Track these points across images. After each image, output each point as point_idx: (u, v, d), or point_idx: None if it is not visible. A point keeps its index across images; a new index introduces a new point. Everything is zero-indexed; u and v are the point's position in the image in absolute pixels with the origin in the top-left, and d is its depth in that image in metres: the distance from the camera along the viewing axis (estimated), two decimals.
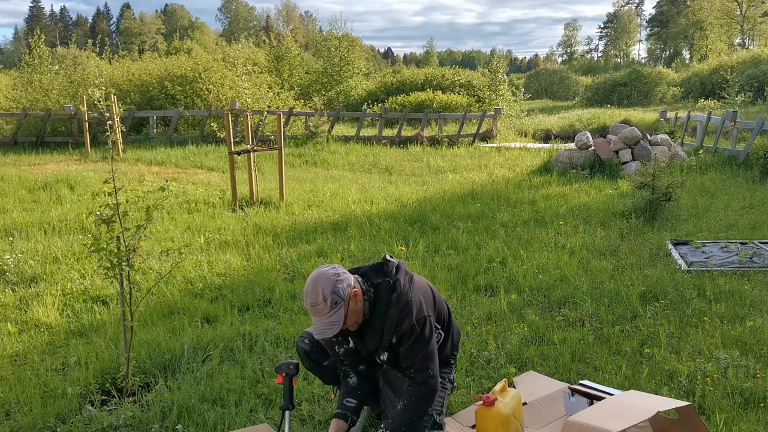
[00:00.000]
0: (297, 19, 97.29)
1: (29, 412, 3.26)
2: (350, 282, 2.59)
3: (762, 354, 3.71)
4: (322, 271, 2.58)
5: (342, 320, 2.53)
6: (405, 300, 2.64)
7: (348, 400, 2.82)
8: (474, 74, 29.34)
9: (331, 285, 2.51)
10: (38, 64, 20.58)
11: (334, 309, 2.51)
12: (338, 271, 2.58)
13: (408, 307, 2.63)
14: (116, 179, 3.43)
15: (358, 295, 2.60)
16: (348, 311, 2.56)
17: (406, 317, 2.62)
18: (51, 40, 68.62)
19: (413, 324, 2.62)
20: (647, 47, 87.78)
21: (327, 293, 2.50)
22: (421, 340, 2.65)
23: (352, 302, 2.58)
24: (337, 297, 2.51)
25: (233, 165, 8.33)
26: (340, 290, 2.52)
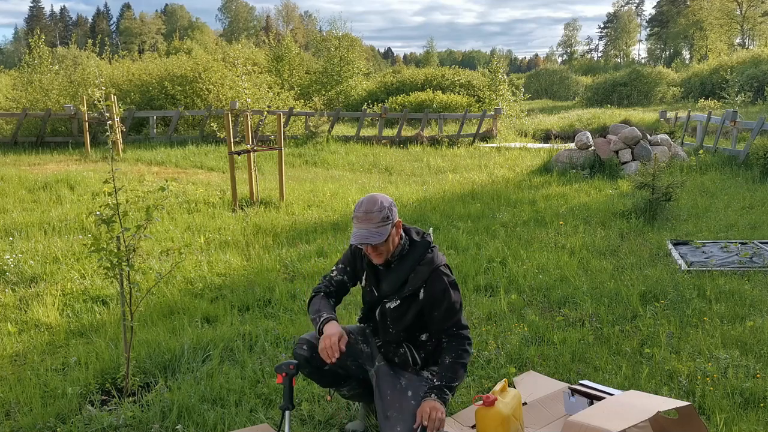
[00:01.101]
0: (297, 19, 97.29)
1: (29, 412, 3.26)
2: (397, 214, 2.77)
3: (762, 354, 3.71)
4: (379, 194, 2.78)
5: (386, 235, 2.66)
6: (440, 263, 2.79)
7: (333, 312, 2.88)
8: (474, 74, 29.34)
9: (389, 203, 2.71)
10: (38, 64, 20.58)
11: (384, 223, 2.67)
12: (393, 202, 2.77)
13: (442, 271, 2.78)
14: (116, 179, 3.43)
15: (399, 228, 2.76)
16: (391, 235, 2.71)
17: (439, 280, 2.75)
18: (51, 40, 68.63)
19: (448, 289, 2.76)
20: (647, 47, 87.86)
21: (384, 207, 2.68)
22: (457, 305, 2.78)
23: (395, 230, 2.73)
24: (390, 213, 2.69)
25: (233, 165, 8.33)
26: (394, 211, 2.72)
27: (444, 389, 2.66)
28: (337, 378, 2.92)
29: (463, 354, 2.75)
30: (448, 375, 2.69)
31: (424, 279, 2.76)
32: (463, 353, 2.75)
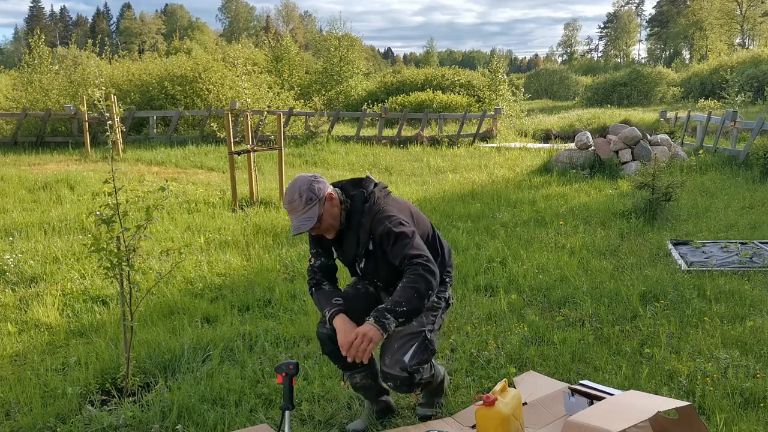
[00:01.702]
0: (297, 19, 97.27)
1: (29, 412, 3.26)
2: (327, 187, 2.74)
3: (762, 354, 3.71)
4: (300, 174, 2.75)
5: (316, 217, 2.65)
6: (377, 209, 2.74)
7: (336, 299, 2.85)
8: (474, 74, 29.34)
9: (307, 184, 2.68)
10: (38, 64, 20.57)
11: (308, 205, 2.65)
12: (316, 176, 2.73)
13: (380, 215, 2.72)
14: (116, 179, 3.44)
15: (334, 199, 2.73)
16: (323, 212, 2.69)
17: (379, 224, 2.71)
18: (51, 40, 68.65)
19: (388, 228, 2.68)
20: (647, 47, 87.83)
21: (303, 190, 2.65)
22: (402, 237, 2.68)
23: (328, 204, 2.71)
24: (312, 194, 2.66)
25: (233, 165, 8.33)
26: (315, 189, 2.67)
27: (385, 313, 2.55)
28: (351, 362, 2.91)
29: (416, 279, 2.58)
30: (395, 299, 2.58)
31: (368, 231, 2.75)
32: (417, 278, 2.59)
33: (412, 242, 2.69)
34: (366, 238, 2.76)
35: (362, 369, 2.95)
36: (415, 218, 2.92)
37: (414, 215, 2.94)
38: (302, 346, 3.99)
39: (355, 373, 2.97)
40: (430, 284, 2.59)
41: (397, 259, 2.68)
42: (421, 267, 2.61)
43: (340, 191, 2.82)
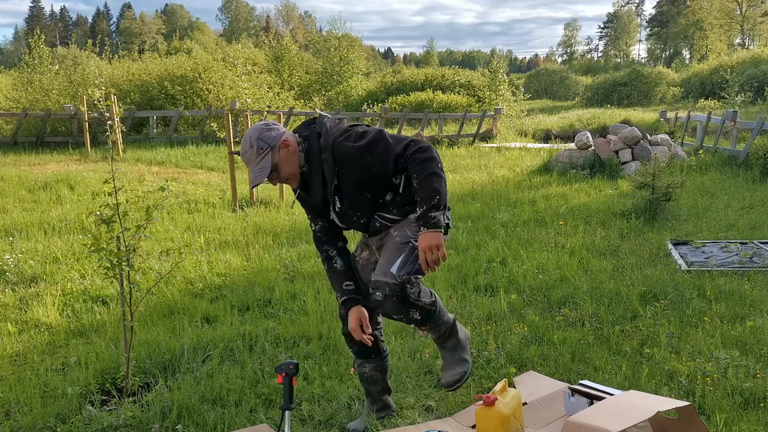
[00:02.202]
0: (297, 19, 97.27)
1: (29, 412, 3.26)
2: (281, 133, 2.57)
3: (762, 354, 3.71)
4: (253, 125, 2.62)
5: (269, 166, 2.52)
6: (333, 137, 2.57)
7: (346, 284, 2.78)
8: (474, 74, 29.35)
9: (257, 133, 2.54)
10: (38, 64, 20.58)
11: (261, 155, 2.52)
12: (269, 125, 2.59)
13: (337, 143, 2.55)
14: (116, 179, 3.44)
15: (290, 145, 2.56)
16: (279, 160, 2.54)
17: (339, 148, 2.54)
18: (51, 40, 68.60)
19: (350, 146, 2.53)
20: (647, 47, 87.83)
21: (253, 140, 2.52)
22: (375, 144, 2.53)
23: (283, 151, 2.54)
24: (263, 143, 2.52)
25: (233, 165, 8.33)
26: (266, 137, 2.53)
27: (427, 215, 2.45)
28: (365, 348, 2.91)
29: (425, 166, 2.48)
30: (424, 195, 2.47)
31: (332, 164, 2.56)
32: (425, 165, 2.48)
33: (386, 141, 2.52)
34: (331, 173, 2.57)
35: (374, 359, 2.96)
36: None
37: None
38: (302, 346, 3.99)
39: (366, 362, 2.96)
40: (436, 161, 2.49)
41: (388, 164, 2.52)
42: (422, 153, 2.49)
43: (297, 136, 2.64)
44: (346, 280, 2.80)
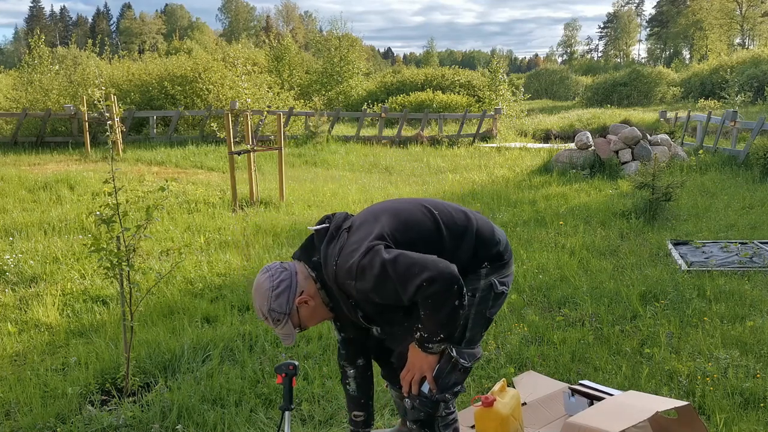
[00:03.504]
0: (297, 19, 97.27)
1: (29, 412, 3.26)
2: (294, 287, 2.22)
3: (762, 354, 3.71)
4: (258, 282, 2.24)
5: (293, 333, 2.25)
6: (332, 272, 2.19)
7: (355, 414, 2.61)
8: (474, 74, 29.35)
9: (267, 302, 2.20)
10: (38, 64, 20.58)
11: (279, 324, 2.22)
12: (275, 281, 2.21)
13: (341, 277, 2.17)
14: (116, 179, 3.44)
15: (309, 300, 2.24)
16: (302, 318, 2.25)
17: (346, 286, 2.17)
18: (51, 40, 68.60)
19: (355, 285, 2.13)
20: (647, 47, 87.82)
21: (265, 312, 2.21)
22: (379, 285, 2.08)
23: (303, 309, 2.24)
24: (277, 314, 2.20)
25: (233, 165, 8.33)
26: (278, 306, 2.20)
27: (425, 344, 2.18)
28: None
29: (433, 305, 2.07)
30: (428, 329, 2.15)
31: (344, 298, 2.24)
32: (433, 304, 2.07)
33: (393, 282, 2.07)
34: (349, 307, 2.26)
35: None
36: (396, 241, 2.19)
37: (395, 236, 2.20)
38: (302, 346, 3.99)
39: (396, 386, 2.60)
40: (445, 298, 2.06)
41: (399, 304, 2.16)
42: (428, 299, 2.06)
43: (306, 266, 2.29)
44: (356, 409, 2.60)
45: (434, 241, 2.23)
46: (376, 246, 2.10)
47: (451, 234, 2.26)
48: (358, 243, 2.14)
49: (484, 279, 2.29)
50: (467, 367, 2.27)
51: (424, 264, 2.05)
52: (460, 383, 2.29)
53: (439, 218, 2.28)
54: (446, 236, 2.26)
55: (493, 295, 2.30)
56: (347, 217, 2.31)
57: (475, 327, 2.28)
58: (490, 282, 2.29)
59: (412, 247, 2.15)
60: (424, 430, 2.34)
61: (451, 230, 2.27)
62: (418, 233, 2.22)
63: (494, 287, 2.30)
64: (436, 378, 2.25)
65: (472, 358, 2.28)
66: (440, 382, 2.24)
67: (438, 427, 2.34)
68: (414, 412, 2.29)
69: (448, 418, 2.36)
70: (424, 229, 2.24)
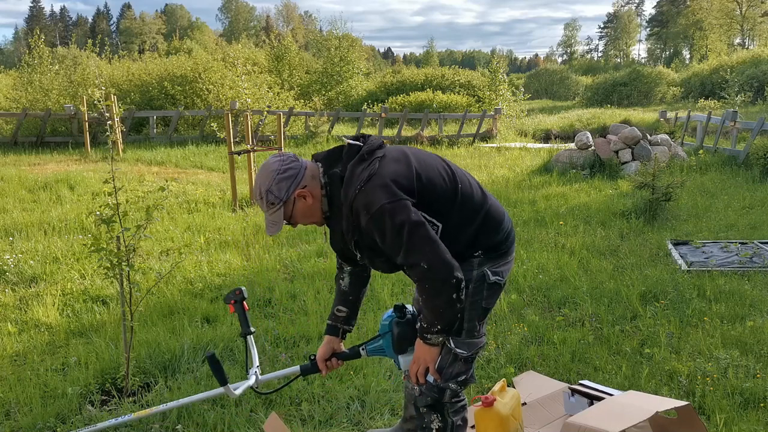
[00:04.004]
0: (297, 19, 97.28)
1: (29, 412, 3.26)
2: (299, 179, 2.18)
3: (762, 354, 3.71)
4: (267, 163, 2.21)
5: (280, 222, 2.20)
6: (353, 194, 2.12)
7: (338, 309, 2.54)
8: (474, 74, 29.37)
9: (269, 182, 2.16)
10: (38, 64, 20.56)
11: (272, 208, 2.18)
12: (284, 166, 2.17)
13: (359, 202, 2.11)
14: (116, 179, 3.44)
15: (308, 196, 2.19)
16: (295, 212, 2.21)
17: (359, 214, 2.12)
18: (51, 40, 68.62)
19: (367, 220, 2.10)
20: (647, 47, 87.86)
21: (263, 191, 2.17)
22: (388, 236, 2.08)
23: (300, 202, 2.20)
24: (273, 197, 2.16)
25: (233, 165, 8.33)
26: (277, 190, 2.16)
27: (425, 335, 2.22)
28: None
29: (429, 299, 2.13)
30: (426, 319, 2.21)
31: (351, 221, 2.18)
32: (429, 297, 2.12)
33: (401, 242, 2.07)
34: (351, 229, 2.20)
35: None
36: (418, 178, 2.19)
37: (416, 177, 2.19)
38: (302, 346, 3.99)
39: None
40: (441, 293, 2.10)
41: (394, 257, 2.17)
42: (425, 282, 2.10)
43: (321, 169, 2.26)
44: (342, 304, 2.55)
45: (444, 211, 2.23)
46: (406, 202, 2.09)
47: (463, 209, 2.26)
48: (387, 183, 2.10)
49: (477, 269, 2.29)
50: (467, 357, 2.30)
51: (435, 250, 2.07)
52: (464, 373, 2.32)
53: (460, 190, 2.27)
54: (457, 209, 2.25)
55: (486, 286, 2.29)
56: (382, 145, 2.25)
57: (472, 318, 2.29)
58: (482, 272, 2.29)
59: (428, 208, 2.17)
60: (433, 413, 2.37)
61: (465, 206, 2.27)
62: (436, 198, 2.21)
63: (486, 277, 2.29)
64: (439, 369, 2.30)
65: (471, 348, 2.30)
66: (443, 372, 2.30)
67: (447, 412, 2.38)
68: (422, 398, 2.35)
69: (457, 405, 2.39)
70: (441, 197, 2.23)
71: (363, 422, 3.13)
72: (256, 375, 2.59)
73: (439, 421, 2.37)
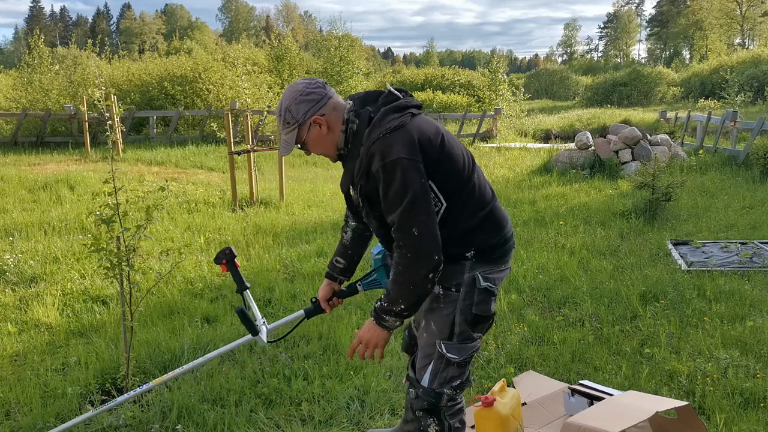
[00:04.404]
0: (297, 19, 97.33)
1: (29, 412, 3.26)
2: (318, 105, 2.16)
3: (762, 354, 3.71)
4: (295, 83, 2.21)
5: (291, 144, 2.20)
6: (376, 137, 2.09)
7: (337, 260, 2.57)
8: (474, 74, 29.42)
9: (289, 101, 2.17)
10: (38, 64, 20.57)
11: (287, 127, 2.19)
12: (308, 89, 2.17)
13: (378, 146, 2.08)
14: (116, 179, 3.43)
15: (324, 125, 2.17)
16: (308, 139, 2.20)
17: (373, 157, 2.08)
18: (51, 40, 68.60)
19: (379, 167, 2.07)
20: (647, 47, 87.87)
21: (283, 108, 2.18)
22: (392, 189, 2.06)
23: (314, 129, 2.17)
24: (291, 117, 2.16)
25: (233, 165, 8.33)
26: (295, 110, 2.16)
27: (382, 315, 2.19)
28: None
29: (403, 269, 2.09)
30: (389, 296, 2.16)
31: (363, 162, 2.13)
32: (404, 270, 2.09)
33: (403, 203, 2.05)
34: (360, 171, 2.15)
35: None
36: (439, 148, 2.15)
37: (442, 143, 2.17)
38: (302, 346, 3.99)
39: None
40: (418, 270, 2.08)
41: (387, 216, 2.14)
42: (406, 249, 2.08)
43: (352, 106, 2.23)
44: (341, 255, 2.58)
45: (452, 193, 2.21)
46: (422, 166, 2.08)
47: (470, 199, 2.24)
48: (413, 140, 2.09)
49: (468, 273, 2.25)
50: (459, 361, 2.26)
51: (430, 222, 2.07)
52: (458, 377, 2.30)
53: (474, 179, 2.26)
54: (465, 196, 2.23)
55: (477, 291, 2.24)
56: (420, 107, 2.24)
57: (462, 322, 2.25)
58: (473, 276, 2.24)
59: (440, 183, 2.16)
60: (430, 417, 2.35)
61: (473, 197, 2.25)
62: (450, 176, 2.19)
63: (477, 282, 2.24)
64: (433, 375, 2.29)
65: (463, 353, 2.26)
66: (438, 377, 2.28)
67: (444, 416, 2.36)
68: (418, 401, 2.34)
69: (454, 408, 2.37)
70: (456, 177, 2.22)
71: (363, 422, 3.13)
72: (265, 326, 2.63)
73: (436, 425, 2.35)
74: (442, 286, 2.24)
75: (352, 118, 2.20)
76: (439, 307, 2.27)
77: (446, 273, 2.18)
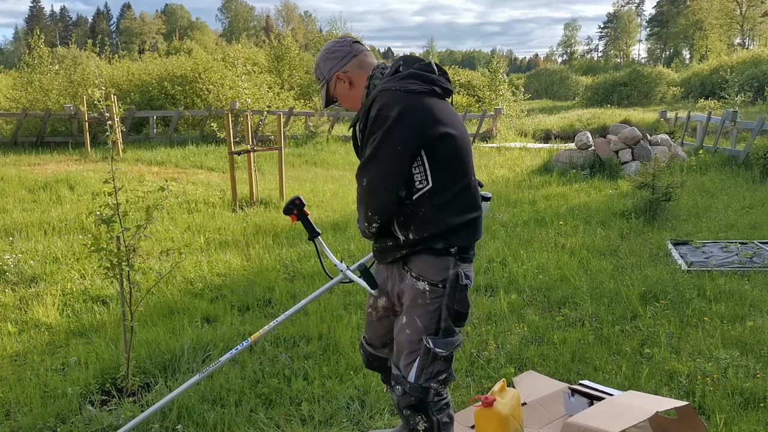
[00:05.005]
0: (297, 19, 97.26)
1: (29, 412, 3.26)
2: (342, 62, 2.31)
3: (762, 354, 3.71)
4: (329, 42, 2.39)
5: (325, 97, 2.39)
6: (388, 87, 2.16)
7: None
8: (474, 74, 29.41)
9: (319, 58, 2.37)
10: (38, 64, 20.57)
11: (319, 83, 2.40)
12: (334, 47, 2.34)
13: (385, 96, 2.15)
14: (116, 179, 3.43)
15: (346, 81, 2.32)
16: (336, 93, 2.37)
17: (375, 103, 2.16)
18: (51, 40, 68.58)
19: (375, 114, 2.14)
20: (647, 47, 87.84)
21: (315, 66, 2.38)
22: (374, 136, 2.14)
23: (339, 84, 2.34)
24: (320, 73, 2.37)
25: (233, 165, 8.33)
26: (323, 67, 2.35)
27: None
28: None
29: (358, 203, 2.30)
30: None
31: (367, 104, 2.22)
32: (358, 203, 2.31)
33: (374, 145, 2.14)
34: (362, 111, 2.26)
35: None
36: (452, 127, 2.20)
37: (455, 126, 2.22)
38: (302, 346, 3.99)
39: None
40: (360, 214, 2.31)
41: (361, 156, 2.28)
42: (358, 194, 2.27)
43: (384, 66, 2.35)
44: None
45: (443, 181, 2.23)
46: (409, 136, 2.12)
47: (460, 196, 2.27)
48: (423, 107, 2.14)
49: (453, 269, 2.28)
50: (446, 355, 2.31)
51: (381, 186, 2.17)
52: (444, 371, 2.34)
53: (468, 179, 2.30)
54: (456, 191, 2.26)
55: (459, 287, 2.29)
56: (449, 92, 2.29)
57: (447, 318, 2.30)
58: (457, 273, 2.28)
59: (438, 162, 2.20)
60: (418, 415, 2.37)
61: (462, 195, 2.28)
62: (450, 160, 2.22)
63: (460, 278, 2.29)
64: (420, 370, 2.31)
65: (449, 347, 2.31)
66: (424, 372, 2.32)
67: (432, 412, 2.38)
68: (405, 398, 2.35)
69: (441, 403, 2.40)
70: (453, 165, 2.24)
71: (363, 422, 3.13)
72: (346, 266, 2.62)
73: (424, 422, 2.37)
74: (428, 281, 2.27)
75: (377, 74, 2.29)
76: (425, 303, 2.29)
77: (432, 268, 2.26)
